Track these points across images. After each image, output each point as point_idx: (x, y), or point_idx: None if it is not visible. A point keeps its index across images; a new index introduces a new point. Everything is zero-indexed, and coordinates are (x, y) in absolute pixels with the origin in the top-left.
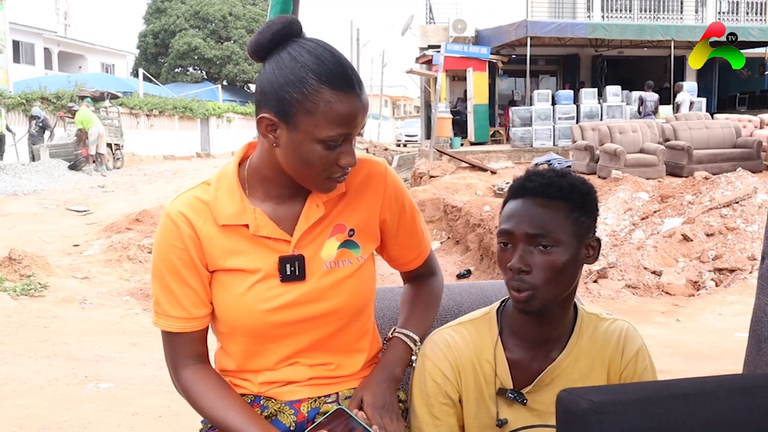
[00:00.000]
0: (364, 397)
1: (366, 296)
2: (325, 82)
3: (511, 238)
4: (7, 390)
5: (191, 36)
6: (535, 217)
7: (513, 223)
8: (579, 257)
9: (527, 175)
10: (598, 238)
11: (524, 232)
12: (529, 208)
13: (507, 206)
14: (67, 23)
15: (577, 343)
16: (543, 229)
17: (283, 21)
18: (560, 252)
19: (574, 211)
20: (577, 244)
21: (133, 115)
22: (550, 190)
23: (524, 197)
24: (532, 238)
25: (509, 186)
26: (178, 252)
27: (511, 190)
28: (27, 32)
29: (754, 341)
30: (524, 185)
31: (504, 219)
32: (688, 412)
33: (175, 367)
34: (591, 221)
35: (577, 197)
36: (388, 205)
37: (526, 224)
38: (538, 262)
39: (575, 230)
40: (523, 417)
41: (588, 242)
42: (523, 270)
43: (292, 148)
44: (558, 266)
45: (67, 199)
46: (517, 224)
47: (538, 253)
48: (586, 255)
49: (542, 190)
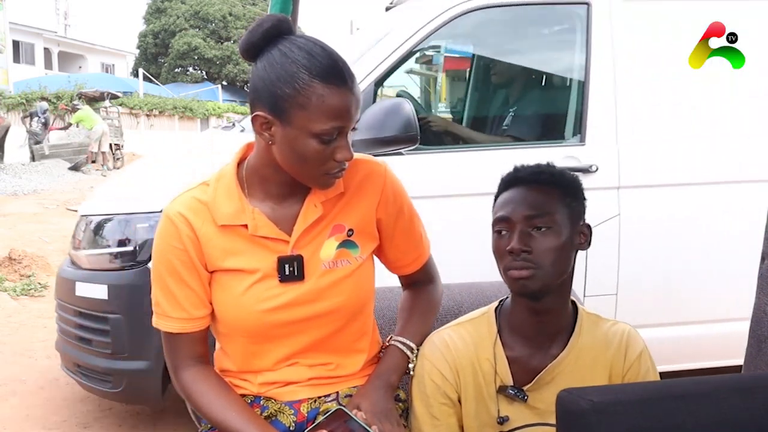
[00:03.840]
0: (361, 404)
1: (365, 296)
2: (316, 76)
3: (509, 223)
4: (7, 390)
5: (191, 36)
6: (531, 201)
7: (510, 209)
8: (573, 241)
9: (516, 168)
10: (588, 225)
11: (522, 215)
12: (525, 194)
13: (501, 197)
14: (67, 23)
15: (578, 341)
16: (540, 209)
17: (273, 19)
18: (556, 233)
19: (565, 196)
20: (571, 228)
21: (133, 115)
22: (542, 177)
23: (517, 186)
24: (530, 219)
25: (501, 180)
26: (177, 253)
27: (503, 182)
28: (27, 32)
29: (754, 341)
30: (515, 176)
31: (500, 207)
32: (688, 412)
33: (176, 368)
34: (581, 207)
35: (566, 183)
36: (384, 205)
37: (523, 208)
38: (538, 243)
39: (568, 214)
40: (523, 415)
41: (580, 228)
42: (524, 250)
43: (287, 144)
44: (557, 246)
45: (67, 199)
46: (514, 209)
47: (536, 235)
48: (579, 241)
49: (534, 177)
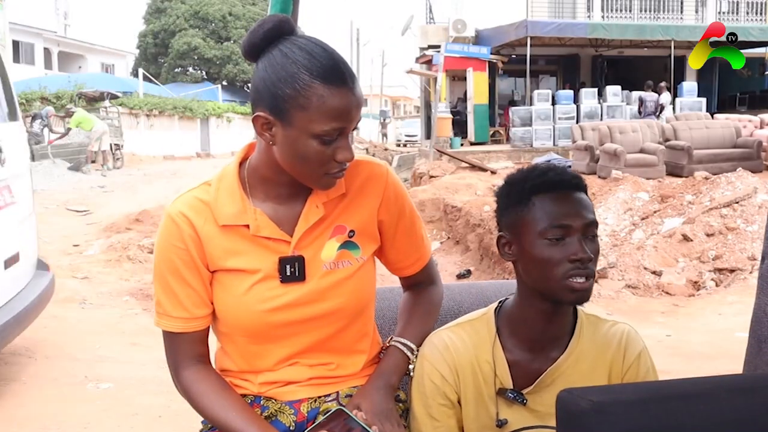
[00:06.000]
0: (361, 404)
1: (366, 297)
2: (317, 76)
3: (568, 230)
4: (7, 390)
5: (191, 36)
6: (587, 207)
7: (569, 216)
8: None
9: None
10: None
11: (582, 223)
12: (579, 199)
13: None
14: (67, 23)
15: (578, 344)
16: (594, 215)
17: (274, 20)
18: (597, 239)
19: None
20: None
21: (133, 115)
22: (579, 182)
23: (561, 190)
24: (589, 227)
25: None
26: (179, 252)
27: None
28: (27, 32)
29: (754, 341)
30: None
31: (552, 214)
32: (688, 412)
33: (176, 368)
34: None
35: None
36: (386, 206)
37: (582, 215)
38: (593, 250)
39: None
40: (523, 417)
41: None
42: (591, 258)
43: (288, 145)
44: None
45: (67, 199)
46: (574, 216)
47: (590, 242)
48: None
49: (576, 182)
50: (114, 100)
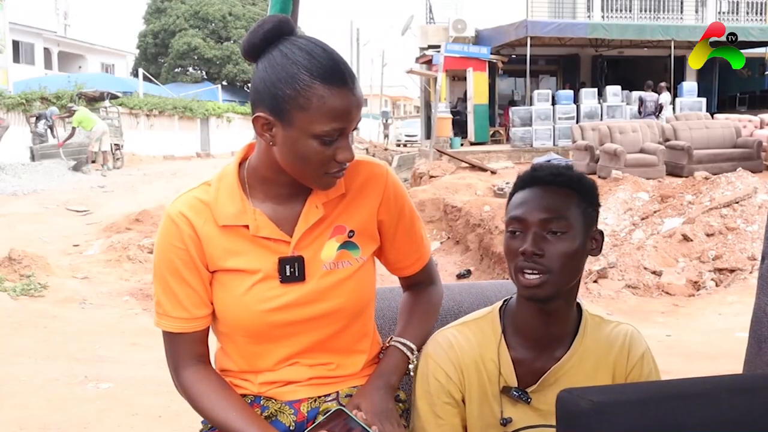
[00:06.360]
0: (361, 404)
1: (365, 297)
2: (317, 77)
3: (524, 224)
4: (7, 390)
5: (191, 36)
6: (548, 203)
7: (525, 210)
8: (586, 247)
9: (534, 167)
10: (601, 231)
11: (537, 218)
12: (542, 195)
13: (517, 196)
14: (67, 23)
15: (582, 343)
16: (556, 212)
17: (274, 20)
18: (570, 238)
19: (582, 201)
20: (584, 234)
21: (133, 115)
22: (560, 179)
23: (534, 186)
24: (546, 222)
25: (518, 177)
26: (178, 252)
27: (520, 181)
28: (27, 32)
29: (754, 341)
30: (533, 175)
31: (514, 207)
32: (688, 412)
33: (176, 368)
34: (595, 213)
35: (583, 188)
36: (386, 206)
37: (539, 210)
38: (551, 248)
39: (583, 219)
40: (527, 416)
41: (593, 234)
42: (536, 253)
43: (288, 145)
44: (569, 252)
45: (67, 199)
46: (530, 210)
47: (550, 239)
48: (591, 247)
49: (552, 179)
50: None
